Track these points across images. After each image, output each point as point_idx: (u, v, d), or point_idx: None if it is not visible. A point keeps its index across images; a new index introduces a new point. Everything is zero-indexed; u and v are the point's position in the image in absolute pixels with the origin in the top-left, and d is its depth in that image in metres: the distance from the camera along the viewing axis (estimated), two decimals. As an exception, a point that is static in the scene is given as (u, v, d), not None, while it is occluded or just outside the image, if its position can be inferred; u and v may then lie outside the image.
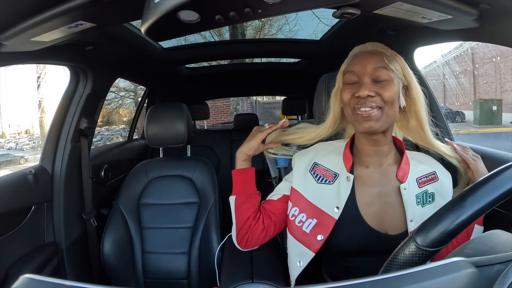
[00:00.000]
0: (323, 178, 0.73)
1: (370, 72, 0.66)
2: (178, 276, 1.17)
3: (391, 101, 0.65)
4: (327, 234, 0.68)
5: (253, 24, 2.03)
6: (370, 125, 0.65)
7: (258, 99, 9.08)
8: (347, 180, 0.70)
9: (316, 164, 0.75)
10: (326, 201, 0.70)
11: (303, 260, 0.71)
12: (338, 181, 0.72)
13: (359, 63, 0.68)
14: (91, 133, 1.31)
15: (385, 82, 0.66)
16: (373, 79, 0.66)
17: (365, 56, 0.69)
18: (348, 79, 0.69)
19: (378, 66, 0.66)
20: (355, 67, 0.68)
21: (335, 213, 0.69)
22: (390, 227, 0.68)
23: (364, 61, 0.67)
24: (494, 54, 7.59)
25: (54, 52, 0.95)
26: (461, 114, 7.98)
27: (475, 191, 0.38)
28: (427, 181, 0.71)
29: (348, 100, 0.68)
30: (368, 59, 0.67)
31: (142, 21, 0.57)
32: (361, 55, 0.70)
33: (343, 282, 0.28)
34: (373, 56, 0.68)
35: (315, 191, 0.72)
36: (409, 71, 0.70)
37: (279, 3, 0.54)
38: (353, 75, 0.68)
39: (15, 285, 0.28)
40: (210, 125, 4.85)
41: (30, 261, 1.01)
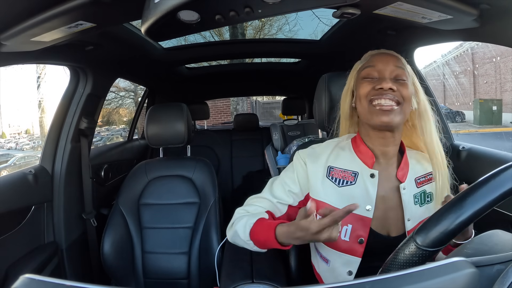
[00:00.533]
0: (343, 181, 0.70)
1: (391, 70, 0.68)
2: (178, 276, 1.17)
3: (409, 99, 0.67)
4: (366, 235, 0.67)
5: (253, 24, 2.03)
6: (390, 118, 0.65)
7: (258, 99, 9.07)
8: (372, 177, 0.69)
9: (331, 167, 0.72)
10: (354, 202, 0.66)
11: (352, 268, 0.68)
12: (361, 179, 0.70)
13: (381, 60, 0.70)
14: (91, 133, 1.31)
15: (403, 81, 0.68)
16: (393, 77, 0.68)
17: (385, 55, 0.71)
18: (367, 73, 0.70)
19: (398, 65, 0.69)
20: (377, 62, 0.69)
21: (367, 212, 0.67)
22: (391, 229, 0.68)
23: (385, 59, 0.70)
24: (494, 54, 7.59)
25: (54, 52, 0.95)
26: (461, 114, 7.98)
27: (475, 191, 0.38)
28: (425, 181, 0.72)
29: (366, 92, 0.68)
30: (389, 58, 0.70)
31: (142, 21, 0.57)
32: (381, 54, 0.72)
33: (343, 282, 0.28)
34: (392, 57, 0.71)
35: (339, 196, 0.69)
36: (417, 80, 0.73)
37: (279, 3, 0.54)
38: (373, 70, 0.69)
39: (15, 285, 0.28)
40: (210, 125, 4.85)
41: (30, 261, 1.01)
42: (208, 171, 1.27)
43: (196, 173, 1.26)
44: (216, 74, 2.23)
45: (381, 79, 0.67)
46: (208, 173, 1.26)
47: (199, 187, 1.24)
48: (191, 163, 1.29)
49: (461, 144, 1.10)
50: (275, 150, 1.86)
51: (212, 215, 1.18)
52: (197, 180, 1.25)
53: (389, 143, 0.70)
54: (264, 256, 0.87)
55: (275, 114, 8.32)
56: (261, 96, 9.10)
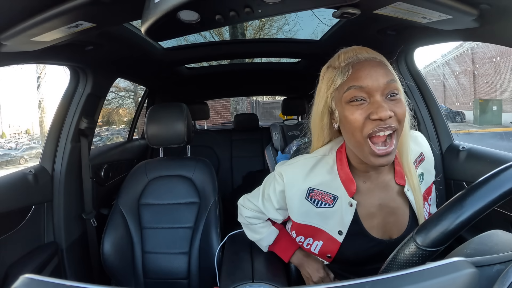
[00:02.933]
0: (322, 202, 0.67)
1: (382, 87, 0.55)
2: (178, 276, 1.17)
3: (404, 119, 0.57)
4: (334, 253, 0.70)
5: (253, 24, 2.03)
6: (388, 160, 0.56)
7: (258, 99, 9.07)
8: (350, 206, 0.66)
9: (311, 189, 0.68)
10: (328, 223, 0.68)
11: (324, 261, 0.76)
12: (339, 204, 0.66)
13: (369, 76, 0.55)
14: (91, 133, 1.31)
15: (398, 97, 0.56)
16: (385, 95, 0.56)
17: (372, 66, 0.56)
18: (353, 96, 0.56)
19: (389, 79, 0.56)
20: (364, 81, 0.55)
21: (339, 236, 0.68)
22: (393, 232, 0.68)
23: (374, 73, 0.55)
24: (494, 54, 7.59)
25: (54, 52, 0.95)
26: (461, 114, 7.97)
27: (475, 191, 0.38)
28: (417, 164, 0.71)
29: (360, 123, 0.55)
30: (378, 71, 0.56)
31: (142, 21, 0.57)
32: (366, 65, 0.57)
33: (343, 282, 0.28)
34: (380, 67, 0.57)
35: (316, 215, 0.69)
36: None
37: (279, 3, 0.54)
38: (361, 91, 0.55)
39: (15, 285, 0.28)
40: (210, 125, 4.85)
41: (30, 261, 1.01)
42: (208, 171, 1.27)
43: (196, 173, 1.26)
44: (216, 74, 2.23)
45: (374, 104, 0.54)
46: (208, 173, 1.26)
47: (199, 187, 1.24)
48: (191, 163, 1.29)
49: (461, 144, 1.10)
50: (275, 150, 1.86)
51: (212, 215, 1.18)
52: (197, 180, 1.25)
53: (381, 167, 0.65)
54: (264, 256, 0.87)
55: (275, 114, 8.33)
56: (261, 96, 9.10)
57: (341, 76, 0.59)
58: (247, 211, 0.83)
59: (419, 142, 0.74)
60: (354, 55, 0.59)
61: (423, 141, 0.74)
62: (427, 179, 0.73)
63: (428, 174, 0.73)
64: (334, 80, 0.60)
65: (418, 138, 0.74)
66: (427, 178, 0.73)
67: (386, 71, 0.57)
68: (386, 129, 0.54)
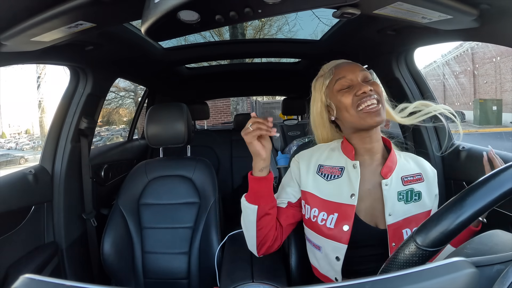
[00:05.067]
0: (331, 175, 0.77)
1: (359, 75, 0.75)
2: (178, 276, 1.17)
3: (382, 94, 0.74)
4: (351, 222, 0.71)
5: (253, 24, 2.03)
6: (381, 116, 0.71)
7: (258, 99, 9.07)
8: (354, 167, 0.75)
9: (321, 165, 0.79)
10: (341, 193, 0.74)
11: (339, 254, 0.72)
12: (346, 172, 0.76)
13: (348, 70, 0.76)
14: (91, 133, 1.31)
15: (372, 81, 0.75)
16: (363, 81, 0.75)
17: (348, 64, 0.78)
18: (341, 85, 0.75)
19: (361, 69, 0.76)
20: (345, 73, 0.75)
21: (351, 200, 0.72)
22: (378, 221, 0.72)
23: (351, 68, 0.76)
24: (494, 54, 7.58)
25: (54, 52, 0.95)
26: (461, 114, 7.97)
27: (475, 191, 0.38)
28: (413, 180, 0.75)
29: (350, 101, 0.72)
30: (353, 66, 0.77)
31: (142, 21, 0.57)
32: (344, 65, 0.78)
33: (343, 282, 0.28)
34: (354, 64, 0.78)
35: (328, 189, 0.75)
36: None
37: (279, 3, 0.54)
38: (345, 80, 0.75)
39: (15, 285, 0.28)
40: (210, 125, 4.85)
41: (30, 261, 1.01)
42: (208, 171, 1.27)
43: (196, 173, 1.26)
44: (216, 74, 2.23)
45: (357, 86, 0.73)
46: (208, 173, 1.26)
47: (199, 187, 1.24)
48: (191, 163, 1.29)
49: (461, 144, 1.10)
50: (275, 150, 1.86)
51: (212, 215, 1.18)
52: (197, 180, 1.25)
53: (373, 139, 0.75)
54: (264, 256, 0.87)
55: (275, 114, 8.32)
56: (261, 96, 9.10)
57: (328, 78, 0.78)
58: None
59: (422, 164, 0.79)
60: (333, 63, 0.82)
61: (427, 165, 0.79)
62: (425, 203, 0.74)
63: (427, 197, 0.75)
64: (324, 83, 0.79)
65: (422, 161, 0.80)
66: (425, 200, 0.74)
67: (359, 67, 0.77)
68: (371, 98, 0.71)
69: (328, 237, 0.73)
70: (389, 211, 0.71)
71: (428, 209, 0.74)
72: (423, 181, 0.76)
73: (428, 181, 0.76)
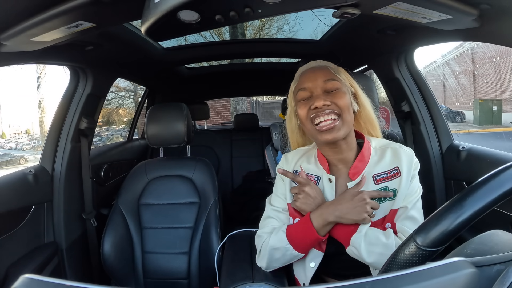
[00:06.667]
0: None
1: (321, 85, 0.71)
2: (178, 276, 1.17)
3: (347, 107, 0.70)
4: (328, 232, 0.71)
5: (253, 24, 2.03)
6: (333, 136, 0.68)
7: (258, 99, 9.07)
8: (329, 182, 0.74)
9: (296, 171, 0.78)
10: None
11: (315, 261, 0.73)
12: (321, 183, 0.75)
13: (309, 79, 0.72)
14: (91, 133, 1.31)
15: (336, 91, 0.70)
16: (325, 90, 0.71)
17: (313, 71, 0.74)
18: (301, 96, 0.72)
19: (327, 78, 0.71)
20: (306, 83, 0.72)
21: None
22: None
23: (313, 76, 0.72)
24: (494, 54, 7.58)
25: (54, 52, 0.95)
26: (461, 114, 7.96)
27: (475, 191, 0.37)
28: (387, 178, 0.71)
29: (305, 114, 0.71)
30: (317, 74, 0.73)
31: (142, 21, 0.57)
32: (308, 72, 0.74)
33: (343, 282, 0.28)
34: (320, 70, 0.73)
35: None
36: (353, 80, 0.77)
37: (279, 3, 0.54)
38: (305, 91, 0.72)
39: (15, 285, 0.28)
40: (210, 125, 4.85)
41: (30, 261, 1.01)
42: (208, 171, 1.27)
43: (196, 173, 1.26)
44: (216, 74, 2.23)
45: (314, 98, 0.70)
46: (208, 173, 1.26)
47: (199, 187, 1.24)
48: (191, 163, 1.29)
49: (461, 144, 1.10)
50: (275, 150, 1.86)
51: (212, 215, 1.18)
52: (197, 180, 1.25)
53: (343, 150, 0.73)
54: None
55: (275, 114, 8.32)
56: (261, 96, 9.10)
57: (295, 85, 0.77)
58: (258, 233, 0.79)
59: (399, 156, 0.72)
60: (305, 67, 0.78)
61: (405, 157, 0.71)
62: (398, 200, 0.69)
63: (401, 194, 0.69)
64: (292, 89, 0.78)
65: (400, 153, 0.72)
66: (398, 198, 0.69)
67: (326, 73, 0.72)
68: (325, 114, 0.68)
69: None
70: None
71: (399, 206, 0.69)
72: (400, 175, 0.70)
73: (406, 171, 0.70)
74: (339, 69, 0.76)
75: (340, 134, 0.68)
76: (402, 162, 0.71)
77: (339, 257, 0.74)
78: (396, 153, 0.73)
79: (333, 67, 0.76)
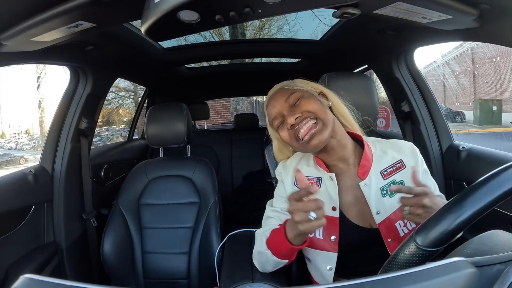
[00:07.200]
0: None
1: (284, 105, 0.73)
2: (178, 276, 1.17)
3: (318, 108, 0.70)
4: (337, 233, 0.71)
5: (253, 24, 2.03)
6: (318, 139, 0.68)
7: (258, 99, 9.07)
8: (331, 180, 0.73)
9: None
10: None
11: (330, 264, 0.72)
12: (323, 184, 0.75)
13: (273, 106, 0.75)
14: (91, 133, 1.31)
15: (300, 101, 0.72)
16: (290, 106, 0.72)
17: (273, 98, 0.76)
18: (276, 124, 0.75)
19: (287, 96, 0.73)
20: (272, 110, 0.75)
21: (333, 212, 0.71)
22: (372, 221, 0.72)
23: (274, 102, 0.75)
24: (494, 54, 7.58)
25: (54, 52, 0.95)
26: (461, 114, 7.96)
27: (475, 191, 0.37)
28: (393, 171, 0.73)
29: (288, 136, 0.72)
30: (276, 98, 0.75)
31: (142, 21, 0.57)
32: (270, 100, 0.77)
33: (343, 282, 0.28)
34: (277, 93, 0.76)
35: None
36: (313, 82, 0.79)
37: (279, 3, 0.54)
38: (276, 119, 0.74)
39: (15, 285, 0.28)
40: (210, 125, 4.85)
41: (30, 261, 1.01)
42: (208, 171, 1.27)
43: (196, 173, 1.26)
44: (216, 74, 2.23)
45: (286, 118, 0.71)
46: (208, 173, 1.26)
47: (199, 187, 1.24)
48: (191, 163, 1.29)
49: (461, 144, 1.10)
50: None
51: (212, 215, 1.18)
52: (197, 180, 1.25)
53: (336, 150, 0.73)
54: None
55: (275, 114, 8.30)
56: (261, 96, 9.09)
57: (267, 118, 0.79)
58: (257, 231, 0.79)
59: (401, 149, 0.76)
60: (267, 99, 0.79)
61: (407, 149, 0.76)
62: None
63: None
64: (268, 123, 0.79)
65: (401, 145, 0.77)
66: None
67: (283, 93, 0.74)
68: (304, 124, 0.69)
69: (319, 248, 0.72)
70: (375, 210, 0.70)
71: None
72: (405, 167, 0.73)
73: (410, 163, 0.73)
74: (294, 82, 0.78)
75: (325, 136, 0.68)
76: (405, 154, 0.75)
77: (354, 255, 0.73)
78: (397, 147, 0.76)
79: (287, 83, 0.78)
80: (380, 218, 0.70)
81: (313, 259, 0.75)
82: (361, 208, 0.72)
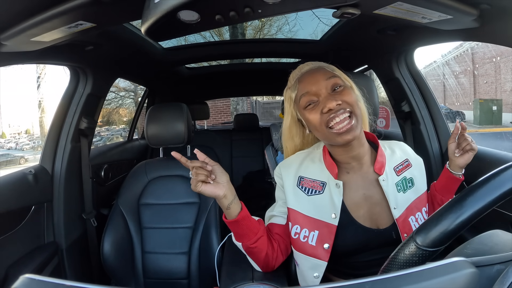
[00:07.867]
0: (312, 190, 0.73)
1: (325, 85, 0.68)
2: (178, 276, 1.17)
3: (355, 102, 0.68)
4: (331, 241, 0.70)
5: (253, 24, 2.03)
6: (353, 135, 0.65)
7: (258, 99, 9.07)
8: (337, 187, 0.71)
9: (302, 177, 0.75)
10: (322, 211, 0.71)
11: (318, 271, 0.71)
12: (327, 189, 0.72)
13: (310, 82, 0.69)
14: (91, 133, 1.31)
15: (341, 88, 0.68)
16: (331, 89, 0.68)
17: (312, 73, 0.70)
18: (307, 102, 0.69)
19: (328, 77, 0.69)
20: (308, 87, 0.69)
21: (333, 219, 0.70)
22: (380, 222, 0.71)
23: (313, 79, 0.69)
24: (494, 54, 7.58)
25: (54, 52, 0.95)
26: (461, 114, 7.96)
27: (475, 191, 0.38)
28: (403, 168, 0.76)
29: (318, 120, 0.67)
30: (316, 75, 0.69)
31: (142, 21, 0.57)
32: (307, 75, 0.71)
33: (343, 282, 0.28)
34: (318, 71, 0.70)
35: (309, 204, 0.73)
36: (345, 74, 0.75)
37: (279, 3, 0.54)
38: (310, 96, 0.68)
39: (15, 285, 0.28)
40: (210, 125, 4.86)
41: (30, 261, 1.01)
42: None
43: None
44: (216, 74, 2.23)
45: (323, 101, 0.67)
46: None
47: (199, 187, 1.24)
48: None
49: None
50: (275, 150, 1.85)
51: (212, 215, 1.18)
52: (197, 180, 1.25)
53: (356, 148, 0.71)
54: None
55: (275, 114, 8.32)
56: (261, 96, 9.10)
57: (293, 91, 0.73)
58: None
59: (405, 150, 0.80)
60: (298, 71, 0.75)
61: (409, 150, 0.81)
62: (419, 187, 0.75)
63: (419, 181, 0.76)
64: (291, 97, 0.74)
65: (404, 146, 0.82)
66: (418, 186, 0.75)
67: (325, 72, 0.70)
68: (340, 114, 0.65)
69: (309, 254, 0.71)
70: (394, 204, 0.70)
71: (423, 191, 0.75)
72: (411, 166, 0.77)
73: (414, 163, 0.77)
74: (332, 66, 0.75)
75: (358, 132, 0.67)
76: (409, 155, 0.79)
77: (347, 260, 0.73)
78: (400, 147, 0.81)
79: (326, 65, 0.74)
80: (397, 213, 0.70)
81: (301, 264, 0.74)
82: (369, 209, 0.72)
